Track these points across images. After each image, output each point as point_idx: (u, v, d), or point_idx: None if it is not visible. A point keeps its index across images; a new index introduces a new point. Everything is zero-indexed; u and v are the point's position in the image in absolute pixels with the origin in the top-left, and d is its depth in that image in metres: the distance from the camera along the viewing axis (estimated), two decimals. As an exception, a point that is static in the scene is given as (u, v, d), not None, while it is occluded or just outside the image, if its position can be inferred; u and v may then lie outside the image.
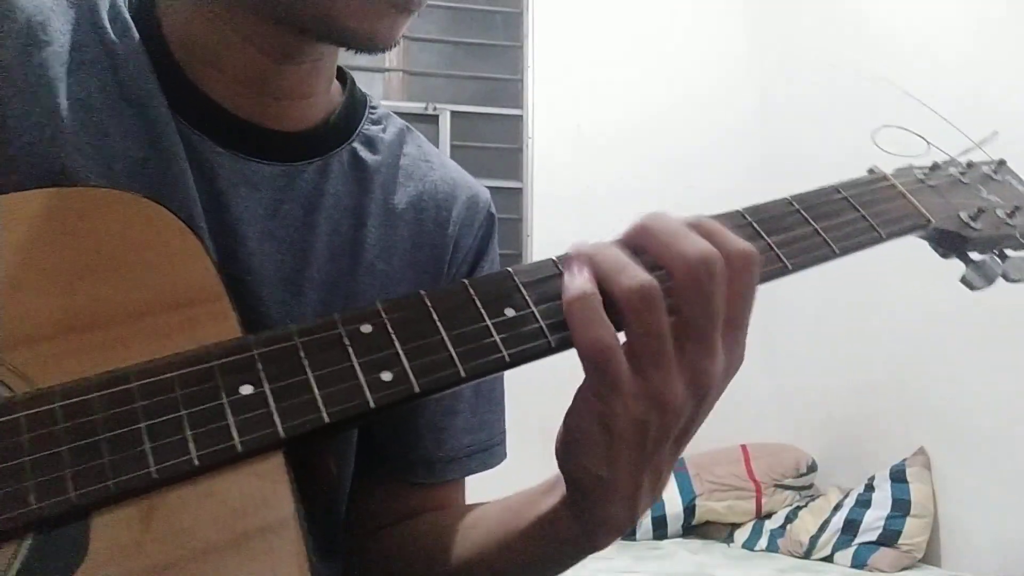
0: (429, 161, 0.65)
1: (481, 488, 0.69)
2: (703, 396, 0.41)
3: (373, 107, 0.63)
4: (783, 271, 0.47)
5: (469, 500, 0.67)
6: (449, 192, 0.64)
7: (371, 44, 0.51)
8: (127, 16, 0.53)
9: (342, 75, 0.63)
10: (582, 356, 0.40)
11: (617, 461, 0.41)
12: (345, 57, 0.58)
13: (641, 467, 0.42)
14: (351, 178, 0.59)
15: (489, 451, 0.66)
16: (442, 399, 0.63)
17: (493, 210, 0.68)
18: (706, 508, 2.88)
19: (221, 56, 0.53)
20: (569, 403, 0.42)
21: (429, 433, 0.63)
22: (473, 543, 0.56)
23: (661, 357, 0.40)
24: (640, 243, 0.42)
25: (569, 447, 0.43)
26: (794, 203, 0.50)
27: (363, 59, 0.57)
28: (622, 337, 0.41)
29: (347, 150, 0.59)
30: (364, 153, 0.60)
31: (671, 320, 0.40)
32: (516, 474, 0.77)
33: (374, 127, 0.62)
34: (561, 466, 0.44)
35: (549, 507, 0.48)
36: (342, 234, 0.58)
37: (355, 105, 0.62)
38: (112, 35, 0.52)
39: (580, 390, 0.41)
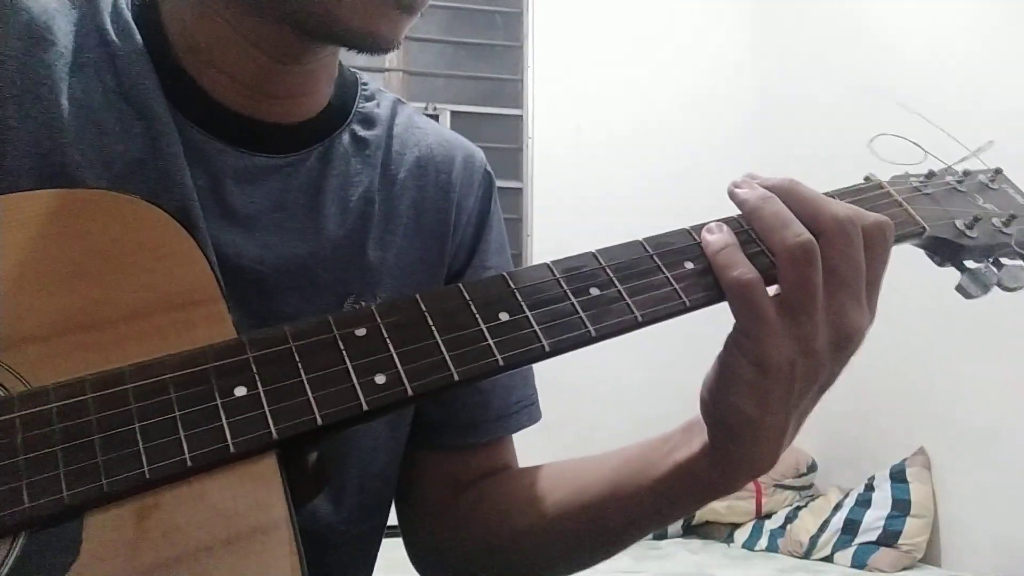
0: (421, 127, 0.65)
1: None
2: (845, 346, 0.45)
3: (364, 84, 0.64)
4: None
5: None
6: (446, 154, 0.65)
7: (374, 44, 0.51)
8: (129, 18, 0.54)
9: None
10: (729, 295, 0.44)
11: (768, 400, 0.44)
12: (344, 57, 0.59)
13: (789, 408, 0.45)
14: (353, 157, 0.60)
15: (534, 405, 0.67)
16: None
17: (489, 168, 0.68)
18: (706, 508, 2.88)
19: (224, 57, 0.53)
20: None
21: (474, 396, 0.64)
22: (576, 495, 0.57)
23: (812, 306, 0.44)
24: (789, 204, 0.46)
25: (721, 388, 0.45)
26: None
27: (363, 59, 0.58)
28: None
29: (347, 131, 0.60)
30: (362, 131, 0.61)
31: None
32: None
33: (368, 103, 0.63)
34: (709, 409, 0.47)
35: (688, 455, 0.49)
36: (350, 212, 0.58)
37: (346, 85, 0.62)
38: (114, 36, 0.53)
39: (732, 332, 0.45)
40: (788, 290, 0.44)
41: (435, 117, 3.16)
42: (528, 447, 0.71)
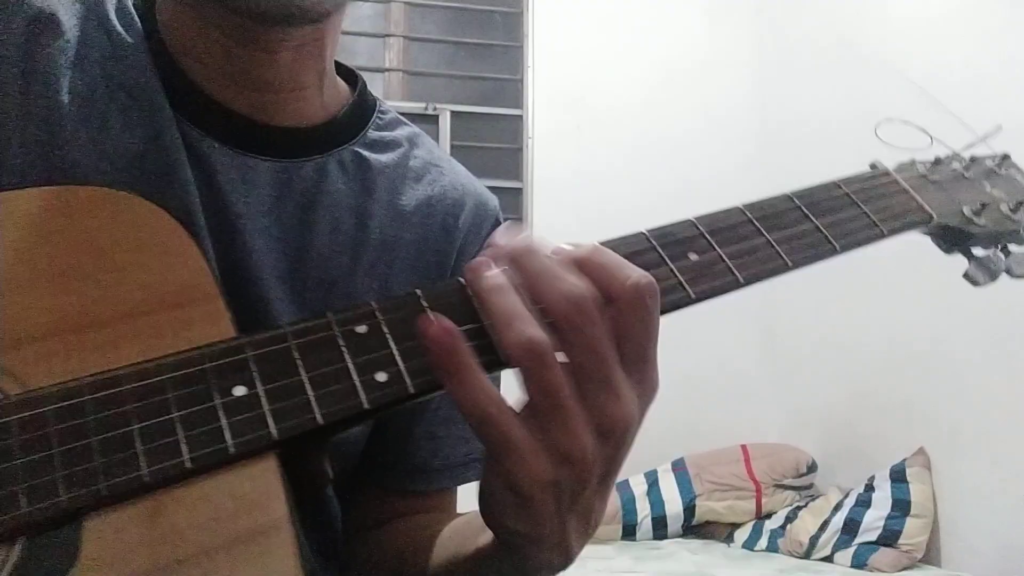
0: (439, 166, 0.64)
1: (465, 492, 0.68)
2: (616, 438, 0.38)
3: (383, 112, 0.63)
4: (784, 268, 0.46)
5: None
6: (458, 198, 0.64)
7: (291, 15, 0.50)
8: (132, 11, 0.54)
9: (354, 78, 0.63)
10: (468, 421, 0.37)
11: (536, 518, 0.38)
12: (345, 56, 0.58)
13: (564, 518, 0.39)
14: (353, 178, 0.59)
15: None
16: (439, 408, 0.63)
17: (501, 218, 0.67)
18: (706, 508, 2.88)
19: (197, 45, 0.53)
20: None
21: (426, 442, 0.63)
22: (435, 560, 0.55)
23: (560, 411, 0.37)
24: (524, 281, 0.39)
25: (486, 507, 0.41)
26: (795, 199, 0.49)
27: (363, 59, 0.57)
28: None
29: (349, 150, 0.59)
30: (369, 154, 0.60)
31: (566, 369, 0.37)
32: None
33: (381, 131, 0.62)
34: (485, 521, 0.42)
35: (485, 545, 0.46)
36: (343, 233, 0.57)
37: (364, 108, 0.62)
38: (119, 29, 0.53)
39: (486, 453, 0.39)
40: (530, 398, 0.37)
41: (435, 117, 3.16)
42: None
